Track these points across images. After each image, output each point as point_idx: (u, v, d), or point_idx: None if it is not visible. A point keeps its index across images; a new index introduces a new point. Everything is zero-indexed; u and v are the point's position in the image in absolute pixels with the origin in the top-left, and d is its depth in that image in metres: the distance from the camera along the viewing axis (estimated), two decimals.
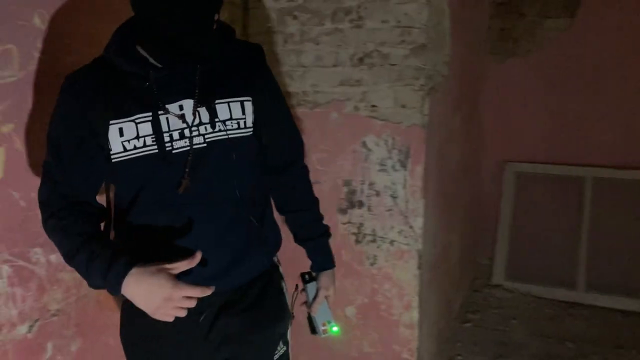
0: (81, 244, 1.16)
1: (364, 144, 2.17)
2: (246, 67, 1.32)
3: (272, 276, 1.43)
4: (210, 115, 1.23)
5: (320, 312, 1.51)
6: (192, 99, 1.23)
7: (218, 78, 1.27)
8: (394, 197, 2.17)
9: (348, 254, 2.26)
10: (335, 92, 2.17)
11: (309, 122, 2.21)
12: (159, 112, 1.21)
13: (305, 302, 1.53)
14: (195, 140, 1.22)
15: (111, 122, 1.18)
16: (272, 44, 2.21)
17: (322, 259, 1.51)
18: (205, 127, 1.23)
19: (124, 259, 1.13)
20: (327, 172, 2.23)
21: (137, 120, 1.19)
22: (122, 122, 1.19)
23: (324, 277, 1.50)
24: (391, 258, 2.21)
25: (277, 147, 1.42)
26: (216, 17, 1.16)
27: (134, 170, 1.22)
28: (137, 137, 1.20)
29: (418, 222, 2.15)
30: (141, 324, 1.26)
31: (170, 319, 1.14)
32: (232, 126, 1.26)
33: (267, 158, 1.41)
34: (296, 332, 1.55)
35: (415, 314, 2.21)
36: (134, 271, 1.12)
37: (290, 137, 1.47)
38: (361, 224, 2.23)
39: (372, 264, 2.24)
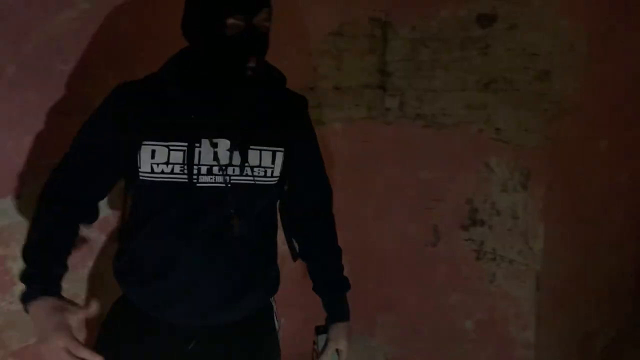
0: (40, 249, 1.21)
1: (487, 165, 2.26)
2: (287, 117, 1.37)
3: (266, 315, 1.45)
4: (241, 159, 1.27)
5: None
6: (229, 139, 1.26)
7: (258, 124, 1.31)
8: (514, 217, 2.23)
9: (468, 270, 2.36)
10: (462, 115, 2.30)
11: (436, 142, 2.38)
12: (195, 145, 1.24)
13: (317, 354, 1.49)
14: (220, 179, 1.26)
15: (144, 142, 1.22)
16: (406, 70, 2.42)
17: (336, 311, 1.48)
18: (234, 169, 1.27)
19: (45, 285, 1.16)
20: (451, 190, 2.37)
21: (170, 147, 1.22)
22: (156, 145, 1.22)
23: (336, 329, 1.46)
24: (510, 277, 2.26)
25: (304, 196, 1.46)
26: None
27: (157, 192, 1.26)
28: (167, 163, 1.23)
29: (538, 244, 2.18)
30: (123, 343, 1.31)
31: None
32: (258, 173, 1.29)
33: (294, 206, 1.46)
34: None
35: (532, 335, 2.23)
36: (40, 302, 1.13)
37: (319, 187, 1.51)
38: (482, 242, 2.32)
39: (491, 281, 2.31)
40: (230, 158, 1.26)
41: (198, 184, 1.24)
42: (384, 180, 2.54)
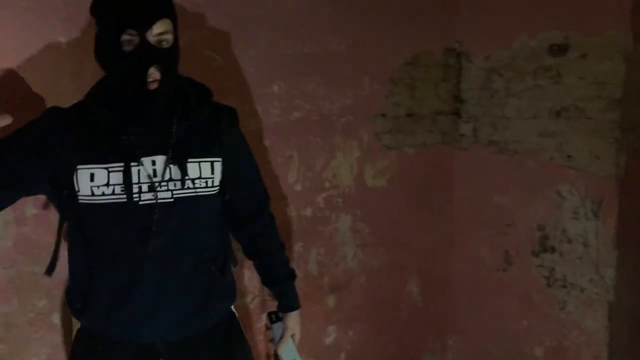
0: None
1: (558, 192, 2.27)
2: (219, 129, 1.39)
3: (232, 322, 1.50)
4: (181, 173, 1.28)
5: (287, 350, 1.56)
6: (166, 155, 1.28)
7: (192, 137, 1.32)
8: (585, 245, 2.21)
9: (538, 296, 2.36)
10: (534, 142, 2.33)
11: (509, 168, 2.42)
12: (132, 164, 1.25)
13: (272, 341, 1.60)
14: (163, 195, 1.27)
15: (80, 166, 1.24)
16: (480, 98, 2.50)
17: (288, 300, 1.57)
18: (175, 184, 1.28)
19: None
20: (522, 216, 2.39)
21: (110, 169, 1.24)
22: (94, 168, 1.24)
23: (290, 317, 1.56)
24: (581, 305, 2.24)
25: (243, 202, 1.48)
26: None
27: (99, 214, 1.26)
28: (107, 185, 1.24)
29: (609, 273, 2.15)
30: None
31: None
32: (200, 184, 1.32)
33: (234, 212, 1.47)
34: None
35: None
36: None
37: (256, 192, 1.54)
38: (552, 269, 2.32)
39: (561, 309, 2.30)
40: (170, 173, 1.28)
41: (140, 202, 1.25)
42: (457, 204, 2.62)
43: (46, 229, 1.59)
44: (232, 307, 1.51)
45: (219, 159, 1.36)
